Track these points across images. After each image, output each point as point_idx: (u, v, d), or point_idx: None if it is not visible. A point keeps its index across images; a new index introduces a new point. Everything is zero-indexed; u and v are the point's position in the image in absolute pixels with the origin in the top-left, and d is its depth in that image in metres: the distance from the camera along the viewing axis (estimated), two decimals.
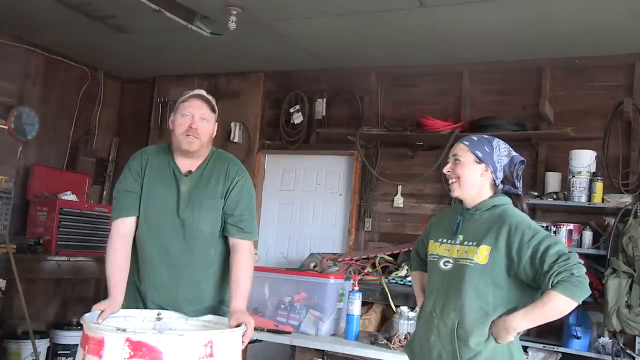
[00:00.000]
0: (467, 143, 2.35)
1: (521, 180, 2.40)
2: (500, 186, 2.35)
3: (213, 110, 2.62)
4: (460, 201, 2.40)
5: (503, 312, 2.19)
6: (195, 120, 2.56)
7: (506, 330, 2.16)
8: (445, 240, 2.37)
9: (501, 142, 2.38)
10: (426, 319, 2.36)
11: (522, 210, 2.34)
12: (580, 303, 2.10)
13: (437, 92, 5.10)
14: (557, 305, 2.09)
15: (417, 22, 4.18)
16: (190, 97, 2.60)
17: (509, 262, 2.18)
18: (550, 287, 2.07)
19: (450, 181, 2.36)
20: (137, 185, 2.64)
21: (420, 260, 2.61)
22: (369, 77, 5.32)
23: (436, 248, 2.38)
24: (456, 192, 2.35)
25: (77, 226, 5.21)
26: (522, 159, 2.39)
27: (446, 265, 2.32)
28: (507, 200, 2.33)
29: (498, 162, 2.33)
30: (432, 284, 2.39)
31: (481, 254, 2.21)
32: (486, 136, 2.41)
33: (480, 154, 2.32)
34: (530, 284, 2.19)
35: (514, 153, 2.38)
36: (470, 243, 2.26)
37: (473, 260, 2.21)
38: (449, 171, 2.36)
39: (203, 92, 2.62)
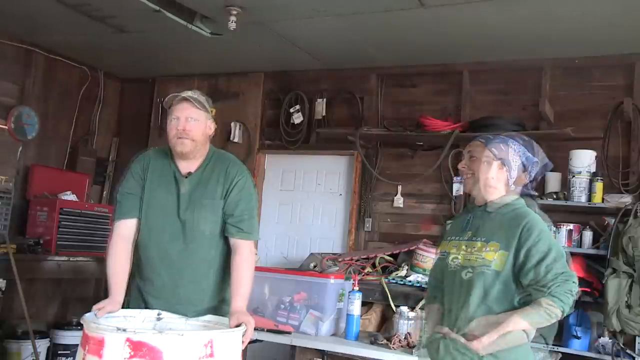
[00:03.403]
0: (484, 141, 2.35)
1: (533, 182, 2.39)
2: (513, 187, 2.32)
3: (201, 109, 2.62)
4: (471, 202, 2.40)
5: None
6: (181, 121, 2.58)
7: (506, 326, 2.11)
8: (454, 238, 2.36)
9: (517, 142, 2.36)
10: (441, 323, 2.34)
11: (534, 211, 2.30)
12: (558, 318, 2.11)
13: (437, 92, 5.10)
14: (549, 313, 2.08)
15: (417, 22, 4.18)
16: (176, 101, 2.62)
17: (514, 261, 2.16)
18: (546, 295, 2.06)
19: (464, 177, 2.36)
20: (138, 187, 2.67)
21: (434, 289, 2.49)
22: (369, 77, 5.32)
23: (455, 256, 2.32)
24: (469, 188, 2.34)
25: (77, 226, 5.21)
26: (537, 160, 2.36)
27: (455, 265, 2.30)
28: (520, 201, 2.31)
29: (513, 162, 2.31)
30: (445, 286, 2.36)
31: (498, 259, 2.18)
32: (502, 135, 2.40)
33: (496, 152, 2.31)
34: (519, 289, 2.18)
35: (529, 154, 2.36)
36: (487, 248, 2.22)
37: (490, 267, 2.18)
38: (464, 167, 2.35)
39: (188, 94, 2.63)
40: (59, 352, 4.97)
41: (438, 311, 2.40)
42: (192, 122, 2.59)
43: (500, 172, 2.30)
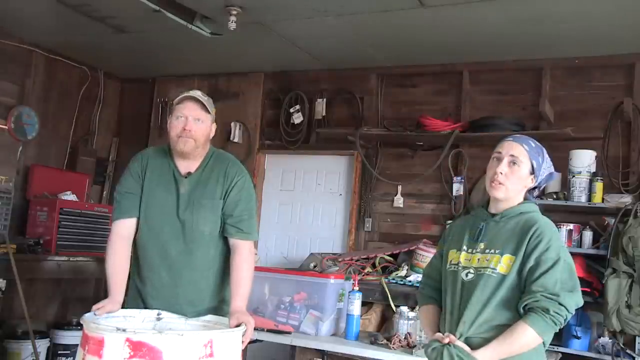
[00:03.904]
0: (527, 148, 2.21)
1: (536, 189, 2.32)
2: (517, 186, 2.23)
3: (207, 111, 2.62)
4: (481, 207, 2.32)
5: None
6: (189, 121, 2.57)
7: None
8: (455, 238, 2.29)
9: (529, 143, 2.25)
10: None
11: None
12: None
13: (437, 92, 5.10)
14: (555, 321, 2.05)
15: (417, 22, 4.18)
16: (183, 99, 2.61)
17: (522, 267, 2.10)
18: (554, 303, 2.03)
19: (496, 180, 2.20)
20: (137, 186, 2.66)
21: (430, 290, 2.40)
22: (369, 77, 5.32)
23: (457, 257, 2.24)
24: (500, 194, 2.21)
25: (77, 226, 5.21)
26: (543, 164, 2.26)
27: (455, 265, 2.24)
28: (525, 206, 2.24)
29: (542, 175, 2.25)
30: (444, 287, 2.29)
31: (504, 264, 2.12)
32: (538, 142, 2.28)
33: (535, 165, 2.21)
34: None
35: (553, 169, 2.29)
36: (493, 251, 2.16)
37: (496, 269, 2.12)
38: (501, 173, 2.19)
39: (197, 94, 2.62)
40: (59, 352, 4.97)
41: (435, 313, 2.34)
42: (196, 123, 2.58)
43: (510, 169, 2.20)
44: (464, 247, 2.24)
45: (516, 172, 2.20)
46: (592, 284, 3.99)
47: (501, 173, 2.19)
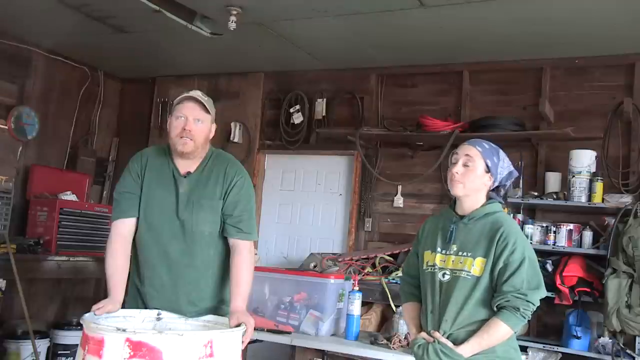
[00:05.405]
0: (480, 149, 2.41)
1: (500, 188, 2.48)
2: (475, 186, 2.41)
3: (207, 111, 2.62)
4: (450, 207, 2.49)
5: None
6: (189, 122, 2.56)
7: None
8: (429, 238, 2.47)
9: (482, 145, 2.44)
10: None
11: None
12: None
13: (437, 92, 5.10)
14: (524, 315, 2.27)
15: (417, 22, 4.18)
16: (183, 99, 2.60)
17: (492, 268, 2.29)
18: (523, 301, 2.24)
19: (454, 180, 2.40)
20: (136, 186, 2.65)
21: (411, 287, 2.59)
22: (369, 77, 5.32)
23: (432, 259, 2.42)
24: (458, 191, 2.40)
25: (77, 226, 5.21)
26: (500, 164, 2.43)
27: (431, 266, 2.40)
28: (499, 207, 2.43)
29: (499, 174, 2.42)
30: (423, 287, 2.45)
31: (477, 266, 2.31)
32: (494, 145, 2.47)
33: (490, 164, 2.39)
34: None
35: (512, 168, 2.48)
36: (465, 253, 2.34)
37: (470, 272, 2.31)
38: (457, 173, 2.39)
39: (197, 94, 2.61)
40: (59, 352, 4.97)
41: (416, 309, 2.53)
42: (197, 124, 2.57)
43: (488, 183, 2.40)
44: (438, 249, 2.42)
45: (471, 171, 2.39)
46: (592, 284, 3.99)
47: (457, 173, 2.39)
